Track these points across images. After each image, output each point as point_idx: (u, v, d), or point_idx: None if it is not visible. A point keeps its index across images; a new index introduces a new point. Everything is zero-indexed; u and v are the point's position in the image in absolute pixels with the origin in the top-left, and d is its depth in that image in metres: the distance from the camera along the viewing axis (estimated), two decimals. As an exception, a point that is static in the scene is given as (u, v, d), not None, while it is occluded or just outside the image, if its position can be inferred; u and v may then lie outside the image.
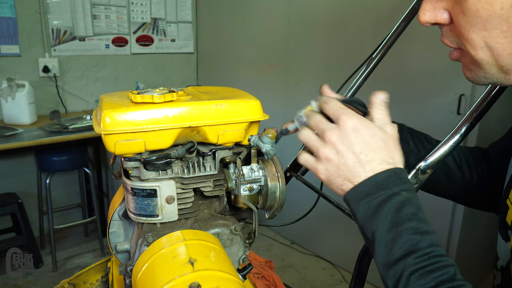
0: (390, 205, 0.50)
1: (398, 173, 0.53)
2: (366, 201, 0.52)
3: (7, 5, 2.68)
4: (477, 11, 0.46)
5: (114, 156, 0.72)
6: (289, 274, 2.66)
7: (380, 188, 0.51)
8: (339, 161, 0.54)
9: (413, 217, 0.50)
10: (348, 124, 0.54)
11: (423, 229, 0.49)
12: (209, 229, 0.68)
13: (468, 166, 0.81)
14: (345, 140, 0.54)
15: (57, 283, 0.86)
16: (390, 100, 0.60)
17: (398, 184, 0.52)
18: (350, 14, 2.34)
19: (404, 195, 0.51)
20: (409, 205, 0.50)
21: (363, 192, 0.52)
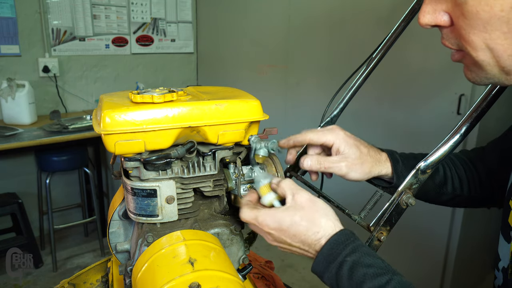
0: (343, 276, 0.54)
1: (334, 240, 0.57)
2: (327, 276, 0.57)
3: (7, 5, 2.68)
4: (477, 13, 0.46)
5: (114, 156, 0.72)
6: (289, 274, 2.66)
7: (329, 262, 0.56)
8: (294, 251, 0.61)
9: (365, 278, 0.53)
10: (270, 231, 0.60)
11: (377, 284, 0.52)
12: (209, 229, 0.68)
13: (460, 180, 0.81)
14: (281, 241, 0.60)
15: (57, 283, 0.86)
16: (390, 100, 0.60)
17: (340, 251, 0.56)
18: (350, 14, 2.34)
19: (349, 261, 0.55)
20: (357, 268, 0.54)
21: (320, 270, 0.58)
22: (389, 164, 0.75)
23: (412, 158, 0.78)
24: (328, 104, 0.85)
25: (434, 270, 2.13)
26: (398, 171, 0.74)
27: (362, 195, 0.76)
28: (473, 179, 0.81)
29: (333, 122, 0.85)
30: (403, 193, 0.65)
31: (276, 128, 0.73)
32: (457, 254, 2.04)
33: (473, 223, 2.08)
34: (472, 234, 2.11)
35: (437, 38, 0.56)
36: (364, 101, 2.16)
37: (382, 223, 0.65)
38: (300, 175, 0.83)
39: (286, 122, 2.81)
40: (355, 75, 0.85)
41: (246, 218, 0.62)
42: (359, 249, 0.56)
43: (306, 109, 2.68)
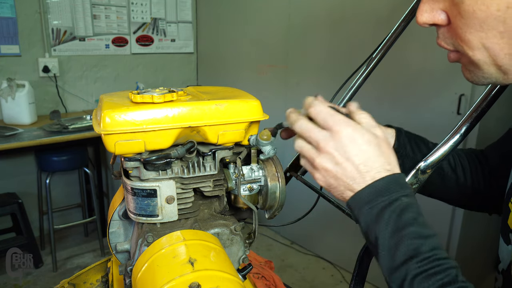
0: (391, 211, 0.51)
1: (397, 179, 0.54)
2: (368, 208, 0.52)
3: (7, 5, 2.68)
4: (473, 12, 0.46)
5: (114, 156, 0.72)
6: (289, 274, 2.66)
7: (380, 195, 0.52)
8: (338, 171, 0.54)
9: (414, 222, 0.50)
10: (343, 132, 0.54)
11: (424, 233, 0.50)
12: (209, 229, 0.68)
13: (463, 169, 0.81)
14: (342, 150, 0.54)
15: (57, 283, 0.86)
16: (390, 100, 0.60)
17: (397, 190, 0.52)
18: (350, 14, 2.34)
19: (404, 201, 0.51)
20: (409, 210, 0.51)
21: (364, 200, 0.53)
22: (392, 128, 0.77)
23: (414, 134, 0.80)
24: (328, 104, 0.85)
25: (434, 270, 2.12)
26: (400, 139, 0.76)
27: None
28: (476, 170, 0.81)
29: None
30: (403, 193, 0.65)
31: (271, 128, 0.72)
32: (457, 254, 2.05)
33: (473, 223, 2.08)
34: (472, 234, 2.11)
35: (437, 38, 0.56)
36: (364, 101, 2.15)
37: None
38: (300, 175, 0.83)
39: (286, 122, 2.81)
40: (355, 75, 0.85)
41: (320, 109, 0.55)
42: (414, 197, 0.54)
43: (306, 109, 2.67)
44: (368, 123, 0.57)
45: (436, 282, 0.46)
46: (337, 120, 0.55)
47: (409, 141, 0.77)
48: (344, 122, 0.54)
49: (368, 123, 0.57)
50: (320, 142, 0.55)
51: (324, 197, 0.76)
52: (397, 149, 0.76)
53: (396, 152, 0.74)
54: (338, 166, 0.54)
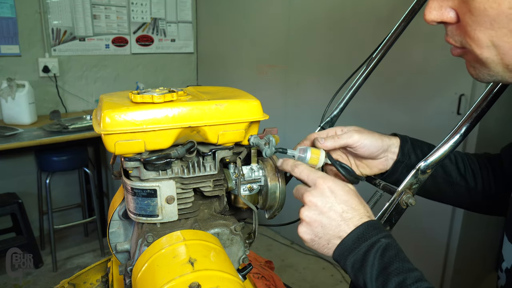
0: (374, 253, 0.54)
1: (374, 224, 0.58)
2: (353, 255, 0.56)
3: (7, 5, 2.68)
4: (485, 10, 0.46)
5: (114, 156, 0.72)
6: (289, 274, 2.66)
7: (362, 240, 0.56)
8: (323, 220, 0.58)
9: (396, 258, 0.54)
10: (325, 185, 0.59)
11: (407, 267, 0.53)
12: (209, 229, 0.68)
13: (474, 174, 0.80)
14: (326, 201, 0.59)
15: (57, 283, 0.86)
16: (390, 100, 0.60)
17: (376, 233, 0.56)
18: (350, 14, 2.34)
19: (383, 242, 0.55)
20: (390, 249, 0.55)
21: (349, 247, 0.57)
22: (397, 137, 0.78)
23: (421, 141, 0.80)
24: (328, 104, 0.85)
25: (434, 270, 2.13)
26: (404, 148, 0.76)
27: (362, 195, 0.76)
28: (487, 175, 0.80)
29: (333, 122, 0.85)
30: (403, 193, 0.65)
31: (276, 128, 0.73)
32: (457, 254, 2.04)
33: (473, 223, 2.08)
34: (472, 234, 2.11)
35: (437, 38, 0.56)
36: (364, 101, 2.16)
37: (382, 223, 0.65)
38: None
39: (286, 122, 2.81)
40: (355, 75, 0.85)
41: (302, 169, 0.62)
42: (392, 237, 0.57)
43: (306, 109, 2.68)
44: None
45: None
46: (319, 175, 0.61)
47: (414, 150, 0.77)
48: (325, 177, 0.60)
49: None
50: (304, 196, 0.60)
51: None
52: (400, 159, 0.76)
53: (399, 162, 0.75)
54: (323, 215, 0.58)
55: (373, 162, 0.77)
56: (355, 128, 0.75)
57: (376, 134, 0.75)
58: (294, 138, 0.67)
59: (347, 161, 0.80)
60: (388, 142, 0.76)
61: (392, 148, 0.76)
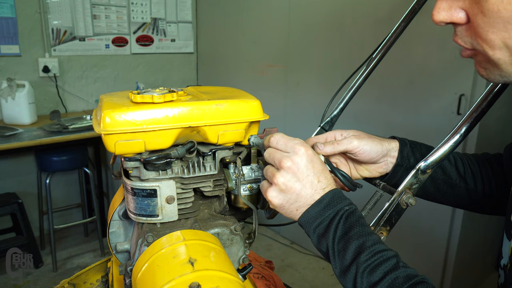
0: (337, 219, 0.58)
1: (338, 193, 0.61)
2: (319, 221, 0.59)
3: (7, 5, 2.68)
4: (498, 11, 0.45)
5: (114, 156, 0.72)
6: (289, 274, 2.66)
7: (328, 208, 0.59)
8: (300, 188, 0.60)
9: (357, 223, 0.57)
10: (306, 153, 0.61)
11: (366, 231, 0.57)
12: (209, 229, 0.68)
13: (473, 175, 0.80)
14: (305, 167, 0.60)
15: (57, 283, 0.86)
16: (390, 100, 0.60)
17: (340, 201, 0.60)
18: (350, 14, 2.34)
19: (346, 209, 0.59)
20: (352, 215, 0.58)
21: (315, 213, 0.60)
22: (396, 141, 0.78)
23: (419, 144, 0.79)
24: (328, 104, 0.85)
25: (434, 270, 2.13)
26: (403, 152, 0.76)
27: (362, 195, 0.76)
28: (487, 176, 0.80)
29: (333, 122, 0.85)
30: (403, 193, 0.65)
31: (276, 128, 0.73)
32: (457, 254, 2.05)
33: (473, 223, 2.08)
34: (472, 234, 2.11)
35: (437, 38, 0.55)
36: (364, 101, 2.16)
37: (382, 223, 0.65)
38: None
39: (286, 122, 2.81)
40: (355, 75, 0.85)
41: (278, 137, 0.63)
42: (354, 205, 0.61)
43: (306, 109, 2.68)
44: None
45: (381, 271, 0.53)
46: (297, 141, 0.62)
47: (413, 153, 0.77)
48: (304, 143, 0.62)
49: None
50: (282, 161, 0.60)
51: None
52: (400, 162, 0.76)
53: (399, 165, 0.75)
54: (299, 182, 0.60)
55: (373, 166, 0.77)
56: (354, 133, 0.75)
57: (375, 139, 0.75)
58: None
59: (346, 165, 0.79)
60: (388, 147, 0.75)
61: (392, 152, 0.76)
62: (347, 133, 0.75)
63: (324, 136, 0.76)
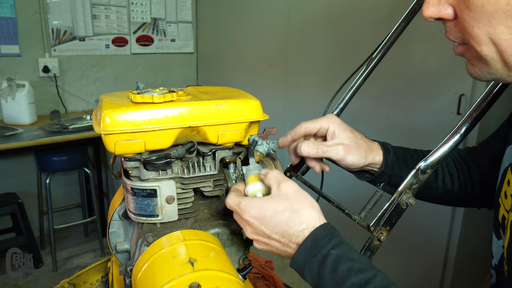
0: (325, 270, 0.52)
1: (318, 233, 0.55)
2: (308, 269, 0.54)
3: (7, 5, 2.68)
4: (482, 6, 0.46)
5: (114, 156, 0.72)
6: (289, 274, 2.65)
7: (312, 255, 0.54)
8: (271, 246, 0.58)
9: (350, 272, 0.51)
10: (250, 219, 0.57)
11: (364, 279, 0.51)
12: (209, 229, 0.68)
13: (451, 177, 0.82)
14: (261, 233, 0.57)
15: (57, 283, 0.86)
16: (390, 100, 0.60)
17: (324, 244, 0.54)
18: (350, 14, 2.34)
19: (333, 254, 0.53)
20: (342, 261, 0.52)
21: (301, 263, 0.55)
22: (381, 152, 0.77)
23: (403, 150, 0.80)
24: (328, 104, 0.85)
25: (434, 270, 2.13)
26: (388, 160, 0.76)
27: (362, 195, 0.76)
28: (464, 176, 0.82)
29: (333, 122, 0.85)
30: (403, 193, 0.65)
31: (276, 128, 0.73)
32: (457, 254, 2.04)
33: (473, 223, 2.08)
34: (472, 234, 2.11)
35: (437, 38, 0.56)
36: (364, 101, 2.16)
37: (382, 223, 0.64)
38: (300, 175, 0.83)
39: (286, 122, 2.81)
40: (355, 75, 0.85)
41: (229, 202, 0.60)
42: (343, 244, 0.55)
43: (306, 109, 2.68)
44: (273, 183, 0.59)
45: None
46: (242, 208, 0.58)
47: (397, 160, 0.77)
48: (247, 208, 0.57)
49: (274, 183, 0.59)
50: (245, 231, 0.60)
51: (324, 197, 0.76)
52: (384, 170, 0.76)
53: (383, 173, 0.76)
54: (267, 244, 0.59)
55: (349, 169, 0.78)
56: (344, 139, 0.73)
57: (362, 151, 0.74)
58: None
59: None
60: (370, 160, 0.75)
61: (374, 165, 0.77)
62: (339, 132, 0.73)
63: (318, 126, 0.75)
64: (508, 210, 0.63)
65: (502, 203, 0.65)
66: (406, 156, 0.79)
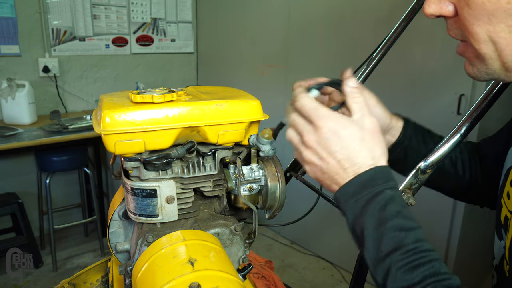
0: (375, 204, 0.51)
1: (380, 171, 0.54)
2: (354, 201, 0.53)
3: (7, 5, 2.68)
4: (482, 4, 0.46)
5: (114, 156, 0.72)
6: (289, 274, 2.66)
7: (364, 188, 0.53)
8: (323, 166, 0.55)
9: (398, 215, 0.51)
10: (324, 128, 0.54)
11: (408, 225, 0.51)
12: (209, 229, 0.68)
13: (463, 163, 0.82)
14: (325, 146, 0.54)
15: (57, 283, 0.86)
16: (390, 100, 0.60)
17: (381, 183, 0.53)
18: (350, 14, 2.34)
19: (388, 193, 0.52)
20: (393, 202, 0.52)
21: (349, 193, 0.54)
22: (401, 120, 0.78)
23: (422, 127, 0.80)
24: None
25: (434, 270, 2.12)
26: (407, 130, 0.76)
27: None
28: (475, 165, 0.82)
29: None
30: (403, 193, 0.65)
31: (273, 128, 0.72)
32: (457, 254, 2.04)
33: (473, 223, 2.08)
34: (472, 234, 2.11)
35: (437, 38, 0.56)
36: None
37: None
38: (300, 175, 0.83)
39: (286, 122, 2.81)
40: (355, 75, 0.85)
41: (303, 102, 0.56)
42: (398, 190, 0.54)
43: (306, 109, 2.67)
44: (358, 111, 0.56)
45: (419, 274, 0.47)
46: (320, 114, 0.55)
47: (415, 134, 0.78)
48: (326, 117, 0.54)
49: (359, 111, 0.56)
50: (304, 136, 0.56)
51: (324, 197, 0.76)
52: (401, 140, 0.77)
53: (399, 143, 0.76)
54: (322, 160, 0.55)
55: None
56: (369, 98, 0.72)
57: (387, 112, 0.75)
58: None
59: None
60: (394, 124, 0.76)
61: (393, 131, 0.77)
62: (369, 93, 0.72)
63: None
64: (511, 210, 0.63)
65: (504, 204, 0.65)
66: (424, 132, 0.80)
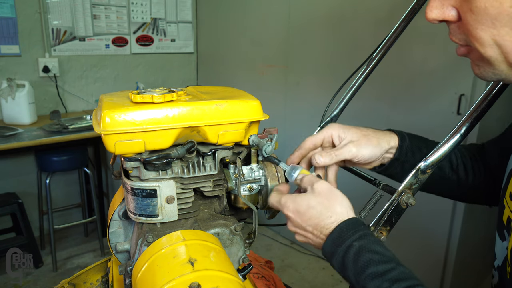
0: (348, 259, 0.57)
1: (345, 226, 0.59)
2: (334, 259, 0.59)
3: (7, 5, 2.68)
4: (485, 8, 0.46)
5: (114, 156, 0.72)
6: (289, 274, 2.66)
7: (337, 245, 0.59)
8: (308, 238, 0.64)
9: (369, 263, 0.55)
10: (289, 213, 0.64)
11: (380, 270, 0.54)
12: (209, 229, 0.68)
13: (465, 167, 0.81)
14: (298, 226, 0.64)
15: (57, 283, 0.86)
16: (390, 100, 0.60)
17: (349, 236, 0.58)
18: (350, 14, 2.34)
19: (355, 246, 0.57)
20: (362, 252, 0.56)
21: (328, 253, 0.61)
22: (395, 136, 0.77)
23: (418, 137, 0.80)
24: (328, 104, 0.85)
25: (434, 270, 2.13)
26: (403, 146, 0.76)
27: (362, 195, 0.76)
28: (478, 167, 0.82)
29: (333, 122, 0.85)
30: (403, 193, 0.65)
31: (276, 128, 0.73)
32: (457, 254, 2.04)
33: (473, 223, 2.08)
34: (472, 234, 2.11)
35: (437, 38, 0.55)
36: (364, 101, 2.16)
37: (382, 223, 0.65)
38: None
39: (286, 122, 2.81)
40: (355, 75, 0.85)
41: (271, 201, 0.67)
42: (367, 237, 0.58)
43: (306, 109, 2.68)
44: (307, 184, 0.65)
45: None
46: (282, 204, 0.64)
47: (411, 148, 0.77)
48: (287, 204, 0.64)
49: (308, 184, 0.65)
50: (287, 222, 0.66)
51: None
52: (398, 157, 0.76)
53: (396, 159, 0.76)
54: (305, 236, 0.64)
55: (369, 165, 0.78)
56: (352, 136, 0.74)
57: (373, 139, 0.74)
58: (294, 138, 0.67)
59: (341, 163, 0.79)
60: (386, 146, 0.75)
61: (390, 150, 0.76)
62: (344, 134, 0.74)
63: (321, 137, 0.76)
64: None
65: (507, 205, 0.65)
66: (420, 144, 0.79)
